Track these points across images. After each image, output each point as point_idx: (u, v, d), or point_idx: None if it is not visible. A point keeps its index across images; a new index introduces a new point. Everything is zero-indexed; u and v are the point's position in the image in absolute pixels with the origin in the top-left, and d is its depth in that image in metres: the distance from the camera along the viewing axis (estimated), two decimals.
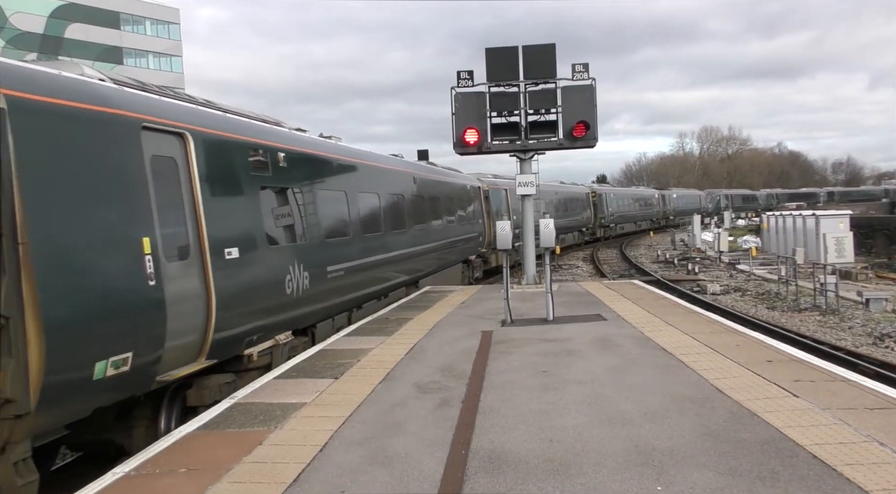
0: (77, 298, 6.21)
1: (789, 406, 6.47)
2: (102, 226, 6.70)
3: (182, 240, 7.87)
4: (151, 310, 7.06)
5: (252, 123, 10.45)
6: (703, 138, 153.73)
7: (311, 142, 12.48)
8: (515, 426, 6.28)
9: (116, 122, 7.11)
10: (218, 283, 8.15)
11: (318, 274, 11.05)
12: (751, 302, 22.41)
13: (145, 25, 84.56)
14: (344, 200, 13.00)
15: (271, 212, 9.95)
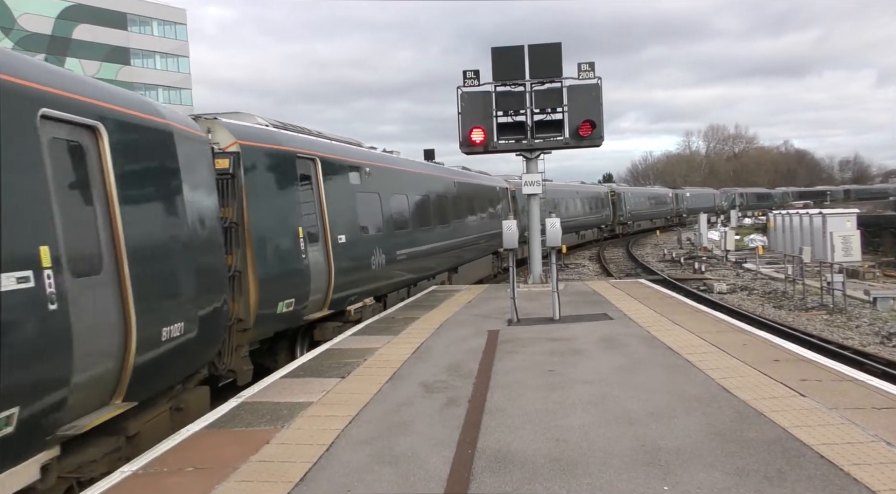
0: (272, 265, 10.27)
1: (796, 405, 6.46)
2: (283, 221, 10.79)
3: (315, 230, 11.73)
4: (303, 275, 11.01)
5: (349, 147, 14.53)
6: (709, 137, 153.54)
7: (382, 157, 16.48)
8: (522, 425, 6.29)
9: (284, 154, 11.20)
10: (335, 260, 12.06)
11: (390, 257, 14.89)
12: (757, 301, 22.34)
13: (152, 26, 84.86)
14: (405, 201, 16.80)
15: (363, 210, 13.80)
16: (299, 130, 12.87)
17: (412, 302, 15.41)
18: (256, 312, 9.77)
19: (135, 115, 6.99)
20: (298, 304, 10.83)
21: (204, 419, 7.03)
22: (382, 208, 14.91)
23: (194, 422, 6.97)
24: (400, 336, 11.07)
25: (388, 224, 15.15)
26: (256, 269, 9.80)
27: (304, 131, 13.05)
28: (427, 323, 12.18)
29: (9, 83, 5.25)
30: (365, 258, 13.56)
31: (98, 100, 6.41)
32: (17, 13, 71.33)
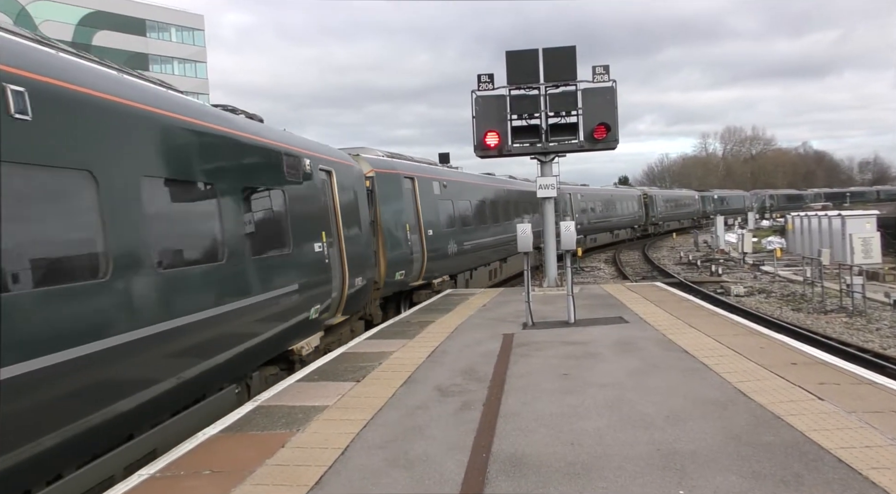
0: (393, 248, 15.04)
1: (814, 409, 6.40)
2: (398, 219, 15.79)
3: (415, 226, 16.75)
4: (409, 255, 16.06)
5: (432, 167, 20.10)
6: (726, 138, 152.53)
7: (453, 173, 21.64)
8: (536, 429, 6.28)
9: (396, 175, 16.15)
10: (426, 246, 17.09)
11: (459, 246, 20.02)
12: (775, 303, 22.15)
13: (170, 32, 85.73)
14: (469, 205, 21.80)
15: (442, 212, 19.06)
16: (401, 157, 18.23)
17: (427, 306, 15.44)
18: (385, 278, 14.94)
19: (342, 162, 12.84)
20: (406, 275, 16.18)
21: (220, 422, 7.07)
22: (454, 211, 20.19)
23: (210, 426, 7.02)
24: (415, 339, 11.09)
25: (458, 222, 20.41)
26: (385, 251, 14.98)
27: (404, 158, 18.49)
28: (442, 327, 12.19)
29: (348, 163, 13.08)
30: (444, 246, 18.87)
31: (331, 157, 12.32)
32: (39, 20, 72.31)
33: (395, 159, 17.22)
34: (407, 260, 15.95)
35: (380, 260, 14.62)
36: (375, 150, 16.49)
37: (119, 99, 6.43)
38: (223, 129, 8.50)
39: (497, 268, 24.87)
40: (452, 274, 20.01)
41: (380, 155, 16.43)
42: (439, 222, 18.60)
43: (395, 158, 17.23)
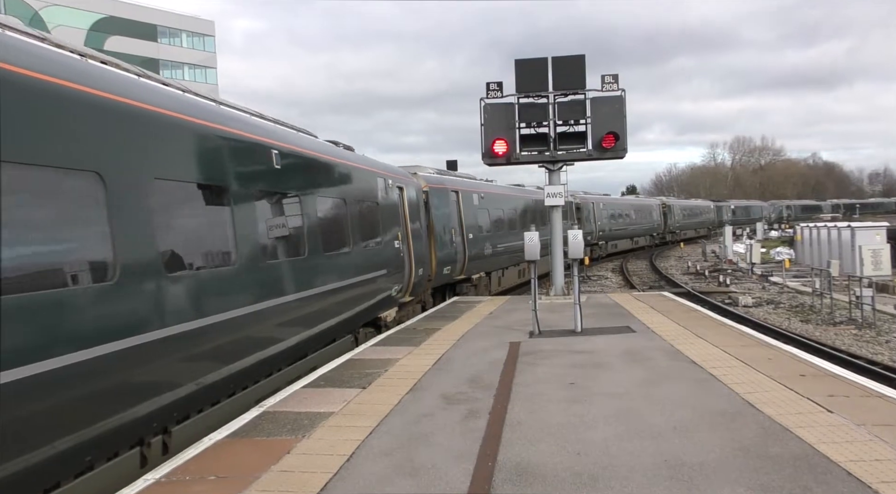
0: (441, 248, 18.11)
1: (823, 421, 6.35)
2: (446, 225, 18.75)
3: (458, 230, 19.67)
4: (454, 254, 19.17)
5: (471, 181, 22.92)
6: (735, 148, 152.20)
7: (489, 186, 24.66)
8: (542, 438, 6.25)
9: (444, 189, 19.19)
10: (467, 247, 20.03)
11: (494, 248, 22.84)
12: (784, 314, 22.03)
13: (181, 38, 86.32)
14: (502, 213, 25.06)
15: (480, 219, 22.10)
16: (448, 173, 21.65)
17: (434, 313, 15.42)
18: (435, 272, 17.91)
19: (409, 179, 16.54)
20: (451, 271, 19.36)
21: (225, 428, 7.07)
22: (489, 218, 23.30)
23: (216, 431, 7.02)
24: (421, 347, 11.08)
25: (493, 228, 23.42)
26: (436, 251, 17.95)
27: (450, 174, 21.86)
28: (448, 335, 12.17)
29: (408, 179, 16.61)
30: (481, 248, 21.79)
31: (401, 176, 15.95)
32: (52, 25, 72.85)
33: (444, 175, 20.92)
34: (452, 258, 19.43)
35: (431, 257, 17.76)
36: (427, 168, 20.17)
37: (286, 144, 9.79)
38: (350, 163, 12.78)
39: (524, 269, 27.72)
40: (488, 271, 23.20)
41: (431, 172, 19.98)
42: (478, 227, 21.87)
43: (443, 175, 20.93)
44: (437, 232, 18.17)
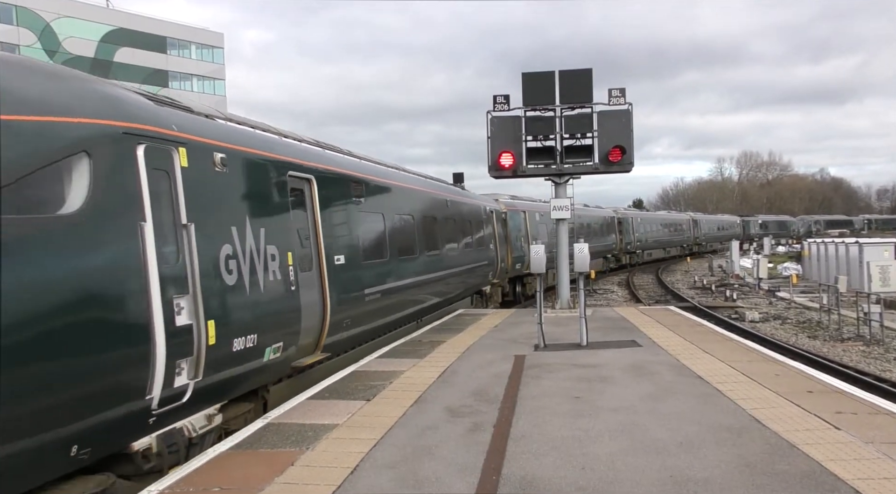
0: (515, 251, 25.57)
1: (830, 438, 6.31)
2: (518, 235, 26.26)
3: (525, 239, 26.51)
4: (523, 257, 25.72)
5: (535, 203, 29.68)
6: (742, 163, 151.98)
7: (543, 205, 26.89)
8: (547, 452, 6.22)
9: (516, 211, 26.78)
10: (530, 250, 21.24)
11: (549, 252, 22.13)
12: (791, 330, 21.92)
13: (190, 50, 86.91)
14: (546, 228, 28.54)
15: (541, 231, 27.96)
16: (518, 198, 28.75)
17: (439, 326, 15.40)
18: (511, 267, 24.67)
19: (495, 204, 24.43)
20: (521, 267, 25.32)
21: (230, 439, 7.06)
22: (547, 230, 27.95)
23: (221, 442, 7.01)
24: (426, 359, 11.06)
25: (550, 236, 25.94)
26: (511, 252, 24.61)
27: (520, 198, 29.08)
28: (453, 347, 12.15)
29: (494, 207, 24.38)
30: (519, 255, 26.41)
31: (491, 204, 23.76)
32: (63, 37, 73.64)
33: (515, 200, 28.15)
34: (521, 259, 25.72)
35: (508, 257, 24.51)
36: (504, 196, 27.78)
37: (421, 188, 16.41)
38: (466, 199, 20.51)
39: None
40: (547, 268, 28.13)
41: (507, 198, 27.48)
42: (539, 237, 26.62)
43: (515, 200, 28.19)
44: (512, 240, 25.40)
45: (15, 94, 5.24)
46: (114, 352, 5.57)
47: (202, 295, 6.55)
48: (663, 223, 63.56)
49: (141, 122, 6.31)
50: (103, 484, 5.66)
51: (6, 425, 4.58)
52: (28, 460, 4.84)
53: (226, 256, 7.23)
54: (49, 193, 5.27)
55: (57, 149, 5.33)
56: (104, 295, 5.54)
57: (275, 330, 8.07)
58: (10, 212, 4.82)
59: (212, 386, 6.93)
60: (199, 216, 6.75)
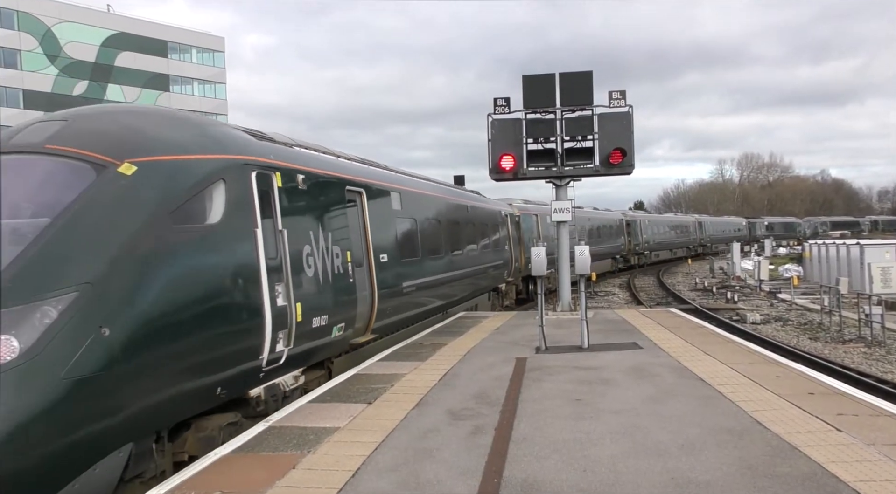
0: (528, 252, 18.32)
1: (832, 440, 6.30)
2: (531, 237, 27.41)
3: (537, 239, 25.32)
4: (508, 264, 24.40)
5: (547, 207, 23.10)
6: (743, 165, 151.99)
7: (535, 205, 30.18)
8: (549, 455, 6.22)
9: (529, 215, 28.77)
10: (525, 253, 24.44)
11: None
12: (792, 332, 21.91)
13: (191, 53, 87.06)
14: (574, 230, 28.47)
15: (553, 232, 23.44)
16: (531, 202, 29.81)
17: (440, 328, 15.40)
18: (524, 266, 25.10)
19: (509, 208, 25.86)
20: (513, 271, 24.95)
21: (232, 442, 7.07)
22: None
23: (222, 446, 7.02)
24: (427, 362, 11.06)
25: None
26: (524, 252, 24.77)
27: (533, 202, 30.10)
28: (454, 350, 12.15)
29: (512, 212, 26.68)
30: (551, 251, 23.85)
31: (506, 208, 25.46)
32: (64, 41, 73.79)
33: (528, 204, 29.61)
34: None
35: (521, 257, 25.65)
36: (518, 200, 29.05)
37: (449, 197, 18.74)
38: (483, 205, 22.28)
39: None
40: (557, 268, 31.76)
41: (521, 202, 28.80)
42: (550, 238, 27.07)
43: (528, 203, 29.59)
44: (525, 241, 26.73)
45: (179, 141, 7.40)
46: (242, 323, 7.48)
47: (292, 283, 8.43)
48: (670, 225, 66.20)
49: (252, 155, 8.33)
50: (234, 419, 7.86)
51: (188, 371, 6.73)
52: (199, 394, 7.03)
53: (306, 254, 9.06)
54: (201, 209, 7.21)
55: (206, 178, 7.32)
56: (236, 282, 7.42)
57: (339, 313, 9.89)
58: (180, 223, 6.79)
59: (298, 354, 8.83)
60: (288, 223, 8.66)
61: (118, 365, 5.79)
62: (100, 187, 6.42)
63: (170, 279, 6.49)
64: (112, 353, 5.75)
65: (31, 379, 5.23)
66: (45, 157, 6.64)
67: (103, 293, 5.85)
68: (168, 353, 6.39)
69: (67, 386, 5.39)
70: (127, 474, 6.17)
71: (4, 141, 6.87)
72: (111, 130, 7.12)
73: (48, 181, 6.57)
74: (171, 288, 6.47)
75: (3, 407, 5.03)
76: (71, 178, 6.47)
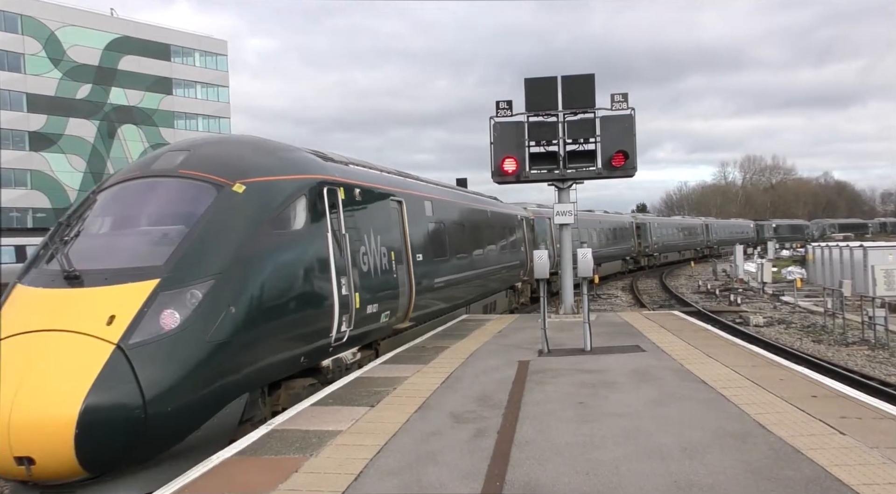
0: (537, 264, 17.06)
1: (835, 443, 6.29)
2: (544, 239, 29.94)
3: (549, 242, 29.51)
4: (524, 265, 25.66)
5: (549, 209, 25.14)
6: (745, 167, 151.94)
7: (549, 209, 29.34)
8: (551, 458, 6.21)
9: (542, 218, 30.09)
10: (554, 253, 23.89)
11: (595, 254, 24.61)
12: (795, 334, 21.86)
13: (194, 57, 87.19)
14: (583, 231, 30.29)
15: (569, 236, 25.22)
16: (543, 206, 30.45)
17: (442, 332, 15.39)
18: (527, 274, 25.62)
19: (525, 212, 28.04)
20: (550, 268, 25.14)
21: (234, 446, 7.07)
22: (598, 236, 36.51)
23: (225, 449, 7.02)
24: (430, 365, 11.06)
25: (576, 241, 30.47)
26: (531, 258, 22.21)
27: (545, 206, 30.50)
28: (457, 353, 12.15)
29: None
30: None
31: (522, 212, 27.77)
32: (67, 45, 73.95)
33: (542, 208, 30.83)
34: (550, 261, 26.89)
35: (529, 263, 25.62)
36: (532, 204, 31.70)
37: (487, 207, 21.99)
38: (502, 209, 24.21)
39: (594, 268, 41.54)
40: None
41: (535, 206, 31.15)
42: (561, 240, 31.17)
43: (541, 208, 30.92)
44: (538, 243, 28.34)
45: (273, 165, 9.51)
46: (319, 308, 9.42)
47: (352, 277, 10.29)
48: (678, 227, 69.06)
49: (323, 174, 10.37)
50: (312, 382, 9.81)
51: (284, 342, 8.66)
52: (289, 361, 8.94)
53: (362, 253, 10.97)
54: (290, 218, 9.20)
55: (293, 194, 9.33)
56: (315, 275, 9.37)
57: (386, 302, 11.84)
58: (277, 229, 8.80)
59: (356, 335, 10.75)
60: (349, 228, 10.53)
61: (240, 335, 7.65)
62: (221, 202, 8.35)
63: (271, 271, 8.44)
64: (237, 325, 7.60)
65: (187, 342, 7.09)
66: (179, 180, 8.62)
67: (229, 281, 7.73)
68: (271, 328, 8.27)
69: (209, 348, 7.26)
70: (244, 417, 8.06)
71: (147, 167, 9.01)
72: (224, 158, 9.16)
73: (183, 197, 8.54)
74: (272, 278, 8.42)
75: (171, 360, 6.92)
76: (199, 195, 8.41)
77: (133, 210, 8.55)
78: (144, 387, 6.60)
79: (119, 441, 6.47)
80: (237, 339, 7.57)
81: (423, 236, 14.81)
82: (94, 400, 6.32)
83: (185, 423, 7.03)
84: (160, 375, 6.77)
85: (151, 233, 8.14)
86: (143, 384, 6.60)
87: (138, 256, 7.66)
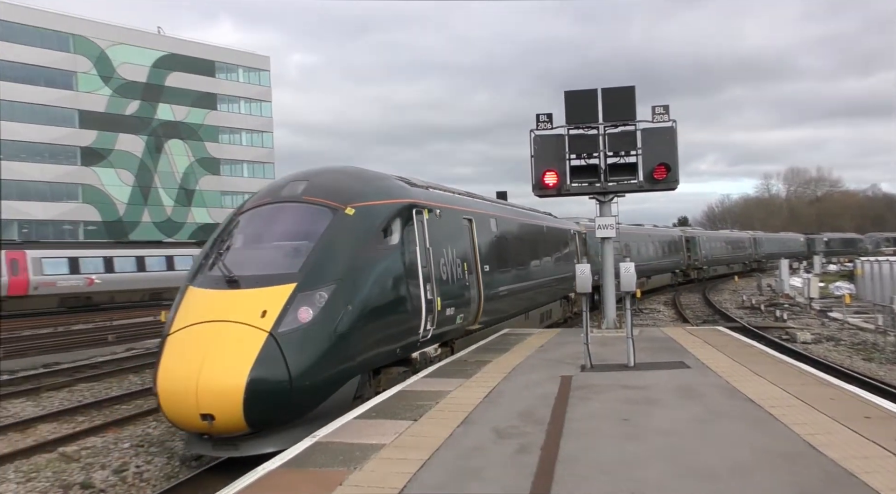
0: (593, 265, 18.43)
1: (891, 466, 6.11)
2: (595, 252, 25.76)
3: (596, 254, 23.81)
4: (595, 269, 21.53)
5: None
6: (789, 180, 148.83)
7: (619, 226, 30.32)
8: (595, 476, 6.16)
9: (587, 232, 29.05)
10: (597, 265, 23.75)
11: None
12: (845, 352, 21.26)
13: (238, 73, 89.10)
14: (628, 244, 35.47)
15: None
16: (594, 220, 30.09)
17: (484, 346, 15.37)
18: None
19: (577, 227, 29.32)
20: (598, 278, 23.37)
21: (279, 457, 7.17)
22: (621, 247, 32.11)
23: (269, 460, 7.12)
24: (472, 379, 11.05)
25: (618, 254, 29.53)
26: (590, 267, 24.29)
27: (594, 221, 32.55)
28: (499, 367, 12.12)
29: None
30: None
31: (574, 227, 29.13)
32: (117, 63, 76.30)
33: (593, 222, 33.66)
34: (597, 272, 26.59)
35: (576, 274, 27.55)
36: (584, 219, 31.31)
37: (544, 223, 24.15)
38: (557, 225, 26.04)
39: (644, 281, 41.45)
40: None
41: (586, 221, 30.37)
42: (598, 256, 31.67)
43: (592, 222, 33.80)
44: (591, 255, 28.55)
45: (374, 191, 11.60)
46: (411, 308, 11.17)
47: (435, 283, 12.07)
48: (727, 241, 70.36)
49: (411, 198, 12.25)
50: (406, 369, 11.68)
51: (386, 337, 10.56)
52: (389, 352, 10.80)
53: (442, 264, 12.69)
54: (390, 234, 11.09)
55: (391, 215, 11.26)
56: (408, 281, 11.20)
57: (460, 307, 13.60)
58: (379, 244, 10.76)
59: (437, 334, 12.50)
60: (432, 243, 12.31)
61: (355, 329, 9.53)
62: (337, 222, 10.28)
63: (376, 278, 10.37)
64: (353, 321, 9.49)
65: (318, 332, 9.05)
66: (303, 205, 10.64)
67: (346, 285, 9.64)
68: (377, 324, 10.14)
69: (333, 338, 9.19)
70: (357, 394, 9.90)
71: (276, 194, 11.06)
72: (337, 186, 11.21)
73: (307, 218, 10.48)
74: (377, 283, 10.37)
75: (307, 346, 8.90)
76: (320, 217, 10.35)
77: (269, 228, 10.65)
78: (290, 365, 8.53)
79: (272, 406, 8.47)
80: (353, 332, 9.46)
81: (490, 249, 16.34)
82: (256, 374, 8.35)
83: (318, 395, 8.98)
84: (300, 357, 8.69)
85: (285, 246, 10.18)
86: (289, 363, 8.54)
87: (278, 265, 9.69)
